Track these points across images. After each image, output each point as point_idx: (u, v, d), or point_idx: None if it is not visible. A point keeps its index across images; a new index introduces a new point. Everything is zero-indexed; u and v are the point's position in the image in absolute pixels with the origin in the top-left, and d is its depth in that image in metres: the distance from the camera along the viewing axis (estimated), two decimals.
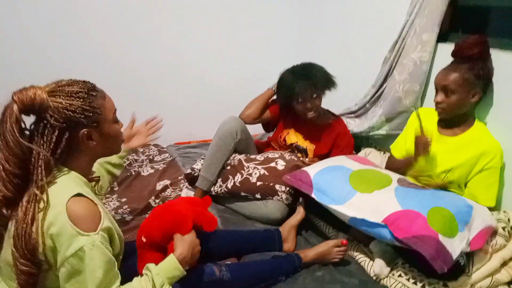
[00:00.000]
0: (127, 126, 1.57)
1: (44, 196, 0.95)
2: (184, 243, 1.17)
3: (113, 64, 2.60)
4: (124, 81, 2.63)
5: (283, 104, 2.06)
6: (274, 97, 2.13)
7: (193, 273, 1.22)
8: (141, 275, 1.10)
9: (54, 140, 0.98)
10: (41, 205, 0.95)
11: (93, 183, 1.18)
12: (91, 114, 1.01)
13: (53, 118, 0.97)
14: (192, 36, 2.74)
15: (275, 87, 2.09)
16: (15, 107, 0.94)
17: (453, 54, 1.62)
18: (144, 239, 1.25)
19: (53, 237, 0.94)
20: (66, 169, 1.04)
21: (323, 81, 1.93)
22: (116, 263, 1.03)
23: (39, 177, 0.96)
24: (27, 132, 1.00)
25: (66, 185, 1.00)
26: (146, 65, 2.69)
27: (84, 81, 1.06)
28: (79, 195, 0.99)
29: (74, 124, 1.00)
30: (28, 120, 1.00)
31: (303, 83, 1.89)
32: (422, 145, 1.60)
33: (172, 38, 2.70)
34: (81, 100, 1.00)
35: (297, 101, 1.94)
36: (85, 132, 1.02)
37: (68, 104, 0.98)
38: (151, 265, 1.10)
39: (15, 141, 0.94)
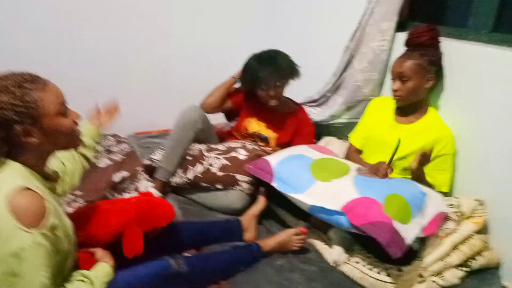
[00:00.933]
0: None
1: None
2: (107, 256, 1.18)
3: (70, 50, 2.46)
4: (81, 68, 2.51)
5: (247, 90, 2.03)
6: (237, 85, 2.10)
7: (149, 267, 1.19)
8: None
9: None
10: None
11: (54, 182, 1.10)
12: (24, 110, 0.92)
13: None
14: (153, 22, 2.64)
15: (237, 76, 2.06)
16: None
17: (406, 43, 1.70)
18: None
19: None
20: (11, 161, 0.96)
21: (287, 70, 1.92)
22: (56, 262, 0.97)
23: None
24: None
25: (9, 177, 0.93)
26: (104, 52, 2.57)
27: (22, 73, 0.96)
28: (23, 187, 0.91)
29: (5, 122, 0.91)
30: None
31: (268, 70, 1.88)
32: (380, 172, 1.59)
33: (132, 23, 2.59)
34: (11, 94, 0.91)
35: (261, 88, 1.92)
36: (21, 129, 0.93)
37: None
38: (85, 271, 1.08)
39: None
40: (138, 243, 1.24)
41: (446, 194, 1.62)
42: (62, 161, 1.26)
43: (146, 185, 1.91)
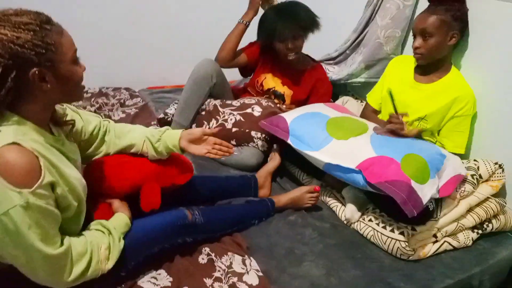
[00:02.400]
0: (199, 131, 1.32)
1: None
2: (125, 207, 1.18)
3: (85, 5, 2.40)
4: (96, 22, 2.45)
5: (263, 43, 1.96)
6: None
7: (165, 216, 1.21)
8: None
9: None
10: None
11: (68, 127, 1.07)
12: (44, 51, 0.86)
13: None
14: None
15: (245, 20, 1.97)
16: None
17: None
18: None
19: None
20: (10, 114, 0.89)
21: (307, 21, 1.84)
22: (59, 218, 0.94)
23: None
24: None
25: (3, 131, 0.86)
26: (118, 6, 2.50)
27: (37, 12, 0.89)
28: (14, 144, 0.84)
29: (22, 62, 0.84)
30: None
31: (286, 21, 1.80)
32: (395, 127, 1.51)
33: None
34: (32, 33, 0.84)
35: (279, 40, 1.85)
36: (37, 72, 0.86)
37: (14, 37, 0.82)
38: (104, 221, 1.08)
39: None
40: (156, 198, 1.24)
41: (461, 157, 1.59)
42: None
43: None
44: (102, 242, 1.02)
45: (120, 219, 1.12)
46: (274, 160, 1.74)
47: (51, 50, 0.88)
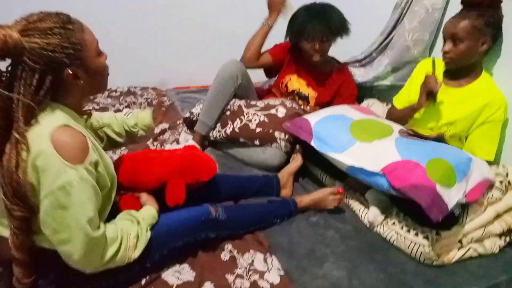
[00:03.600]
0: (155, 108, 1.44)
1: (26, 141, 0.89)
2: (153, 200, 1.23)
3: (112, 5, 2.47)
4: (124, 24, 2.52)
5: (291, 41, 1.97)
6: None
7: (190, 212, 1.24)
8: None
9: (35, 83, 0.90)
10: (24, 150, 0.89)
11: (85, 116, 1.13)
12: (72, 51, 0.93)
13: (31, 61, 0.88)
14: None
15: (270, 21, 1.98)
16: None
17: (463, 1, 1.57)
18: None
19: (38, 169, 0.89)
20: (53, 103, 0.98)
21: (338, 25, 1.84)
22: (100, 197, 1.01)
23: (20, 124, 0.89)
24: (3, 79, 0.92)
25: (52, 117, 0.95)
26: (145, 7, 2.57)
27: (56, 13, 0.94)
28: (65, 125, 0.93)
29: (56, 65, 0.92)
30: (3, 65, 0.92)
31: (318, 22, 1.81)
32: (430, 84, 1.55)
33: None
34: (59, 36, 0.90)
35: (307, 40, 1.86)
36: (70, 72, 0.94)
37: (45, 44, 0.89)
38: (134, 212, 1.13)
39: None
40: (180, 193, 1.27)
41: (489, 163, 1.55)
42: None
43: (185, 138, 1.95)
44: (132, 230, 1.07)
45: (148, 211, 1.16)
46: (296, 160, 1.75)
47: (78, 49, 0.94)
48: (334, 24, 1.83)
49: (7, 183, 0.89)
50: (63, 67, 0.93)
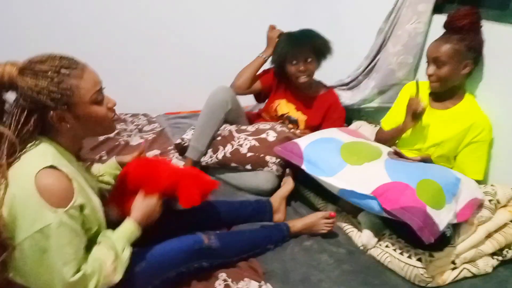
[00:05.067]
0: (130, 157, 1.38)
1: (5, 174, 0.90)
2: (142, 206, 1.17)
3: (102, 32, 2.50)
4: (113, 50, 2.55)
5: (277, 65, 2.02)
6: (266, 66, 2.09)
7: (182, 241, 1.23)
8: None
9: (22, 120, 0.93)
10: (2, 184, 0.89)
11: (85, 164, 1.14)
12: (59, 96, 0.93)
13: (22, 98, 0.93)
14: (184, 4, 2.65)
15: (264, 54, 2.05)
16: None
17: (445, 25, 1.62)
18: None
19: (16, 208, 0.88)
20: (45, 139, 0.99)
21: (319, 44, 1.92)
22: (84, 239, 1.00)
23: (2, 157, 0.91)
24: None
25: (40, 155, 0.95)
26: (136, 33, 2.60)
27: (61, 57, 0.96)
28: (52, 167, 0.93)
29: (41, 106, 0.93)
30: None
31: (299, 44, 1.88)
32: (414, 106, 1.61)
33: (163, 5, 2.60)
34: (49, 80, 0.92)
35: (291, 63, 1.92)
36: (54, 115, 0.95)
37: (33, 85, 0.91)
38: (109, 232, 1.09)
39: None
40: (195, 194, 1.25)
41: (479, 182, 1.58)
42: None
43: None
44: (107, 257, 1.03)
45: (126, 228, 1.11)
46: (288, 184, 1.76)
47: (67, 95, 0.95)
48: (316, 44, 1.90)
49: None
50: (48, 110, 0.94)
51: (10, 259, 0.92)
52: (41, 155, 0.95)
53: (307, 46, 1.89)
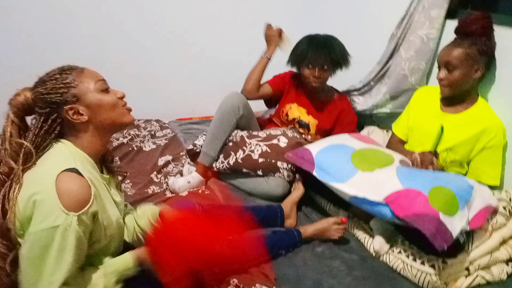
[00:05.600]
0: None
1: (20, 179, 0.96)
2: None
3: (113, 39, 2.55)
4: (125, 56, 2.59)
5: (292, 65, 2.03)
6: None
7: None
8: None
9: (39, 126, 1.00)
10: (16, 187, 0.94)
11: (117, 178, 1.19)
12: (66, 90, 1.00)
13: (38, 108, 1.01)
14: (194, 10, 2.68)
15: (268, 54, 2.06)
16: (10, 114, 1.01)
17: (456, 30, 1.63)
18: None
19: (34, 203, 0.91)
20: (70, 143, 1.03)
21: (338, 56, 1.93)
22: (84, 252, 0.99)
23: (19, 164, 0.97)
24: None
25: (65, 157, 0.99)
26: (147, 40, 2.64)
27: (63, 66, 1.06)
28: (73, 170, 0.96)
29: (56, 106, 1.00)
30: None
31: (319, 51, 1.90)
32: (425, 162, 1.58)
33: (174, 11, 2.64)
34: (54, 80, 1.01)
35: (307, 67, 1.94)
36: (68, 108, 1.01)
37: (43, 89, 1.00)
38: (108, 263, 1.07)
39: (10, 141, 0.99)
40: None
41: (495, 188, 1.56)
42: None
43: (189, 169, 1.97)
44: (100, 283, 1.02)
45: (124, 261, 1.09)
46: (298, 190, 1.76)
47: (72, 87, 1.01)
48: (335, 54, 1.91)
49: None
50: (61, 106, 1.00)
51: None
52: (65, 157, 0.99)
53: (326, 54, 1.90)
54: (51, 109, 1.00)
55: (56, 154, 1.01)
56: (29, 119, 1.06)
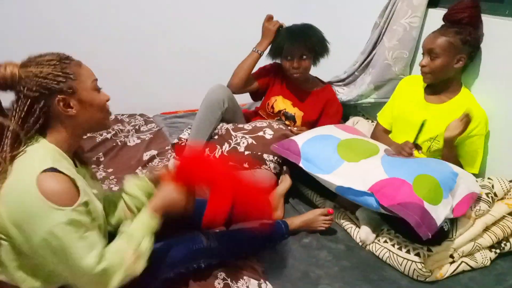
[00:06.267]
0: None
1: (7, 167, 0.91)
2: (162, 194, 1.13)
3: (97, 32, 2.49)
4: (109, 50, 2.54)
5: (273, 58, 2.01)
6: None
7: (181, 241, 1.23)
8: None
9: (25, 110, 0.94)
10: (3, 174, 0.91)
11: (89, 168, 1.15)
12: (65, 80, 0.97)
13: (25, 88, 0.94)
14: (179, 3, 2.64)
15: (260, 49, 2.01)
16: None
17: (444, 17, 1.62)
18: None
19: (21, 215, 0.89)
20: (44, 140, 0.99)
21: (315, 43, 1.90)
22: (96, 231, 1.00)
23: (4, 149, 0.92)
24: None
25: (40, 157, 0.95)
26: (131, 33, 2.59)
27: (58, 52, 1.02)
28: (52, 169, 0.93)
29: (48, 91, 0.95)
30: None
31: (295, 40, 1.87)
32: (405, 151, 1.55)
33: (158, 5, 2.59)
34: (52, 66, 0.96)
35: (286, 58, 1.92)
36: (61, 99, 0.97)
37: (38, 71, 0.95)
38: (127, 223, 1.08)
39: None
40: (222, 212, 1.16)
41: (475, 176, 1.58)
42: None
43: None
44: (127, 249, 1.03)
45: (141, 217, 1.10)
46: (285, 182, 1.76)
47: (71, 78, 0.98)
48: (312, 42, 1.89)
49: None
50: (54, 94, 0.96)
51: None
52: (41, 158, 0.95)
53: (303, 43, 1.88)
54: (41, 94, 0.95)
55: (31, 155, 0.95)
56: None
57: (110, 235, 1.13)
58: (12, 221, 0.90)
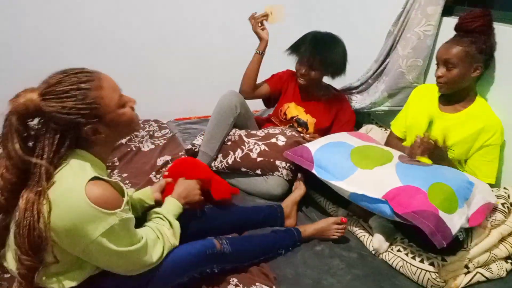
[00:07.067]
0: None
1: (48, 197, 0.93)
2: (182, 184, 1.37)
3: (111, 40, 2.55)
4: (123, 57, 2.59)
5: (289, 54, 1.99)
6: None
7: (194, 246, 1.24)
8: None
9: (55, 143, 0.95)
10: (45, 205, 0.92)
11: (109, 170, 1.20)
12: (88, 111, 0.96)
13: (51, 122, 0.95)
14: (192, 9, 2.68)
15: (259, 51, 2.02)
16: (13, 118, 0.93)
17: (456, 27, 1.61)
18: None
19: (75, 223, 0.93)
20: (81, 152, 1.02)
21: (330, 61, 1.89)
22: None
23: (41, 182, 0.93)
24: (30, 144, 0.98)
25: (81, 170, 0.98)
26: (145, 39, 2.64)
27: (75, 73, 0.98)
28: (96, 178, 0.97)
29: (74, 125, 0.96)
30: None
31: (313, 49, 1.86)
32: (425, 145, 1.48)
33: (172, 11, 2.64)
34: (73, 98, 0.94)
35: (297, 59, 1.95)
36: (88, 129, 0.98)
37: (61, 107, 0.93)
38: (158, 209, 1.25)
39: (15, 153, 0.93)
40: (225, 189, 1.58)
41: (491, 186, 1.56)
42: None
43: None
44: (163, 225, 1.19)
45: (170, 203, 1.29)
46: (300, 189, 1.76)
47: (95, 108, 0.97)
48: (327, 60, 1.88)
49: (23, 236, 0.91)
50: (81, 126, 0.97)
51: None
52: (81, 169, 0.98)
53: (318, 56, 1.87)
54: (68, 128, 0.96)
55: (68, 169, 0.97)
56: None
57: None
58: (62, 230, 0.94)
